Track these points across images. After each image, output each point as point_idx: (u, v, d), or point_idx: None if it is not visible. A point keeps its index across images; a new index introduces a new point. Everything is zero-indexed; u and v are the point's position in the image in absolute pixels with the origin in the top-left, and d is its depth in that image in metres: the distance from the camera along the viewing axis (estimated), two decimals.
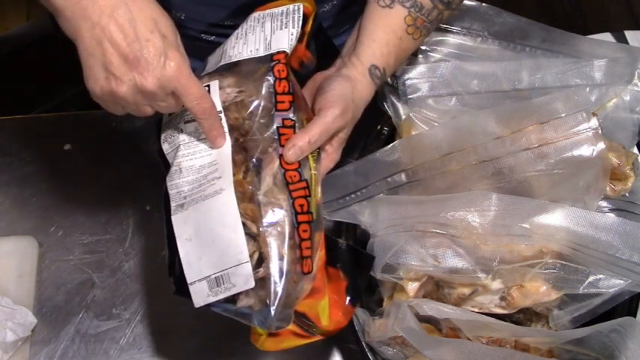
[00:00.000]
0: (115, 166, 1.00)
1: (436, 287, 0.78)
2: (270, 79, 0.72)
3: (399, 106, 0.90)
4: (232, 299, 0.68)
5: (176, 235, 0.69)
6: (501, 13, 0.94)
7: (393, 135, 0.90)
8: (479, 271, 0.73)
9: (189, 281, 0.68)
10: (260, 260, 0.67)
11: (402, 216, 0.75)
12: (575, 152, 0.76)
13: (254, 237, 0.68)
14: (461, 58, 0.94)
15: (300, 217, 0.69)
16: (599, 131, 0.77)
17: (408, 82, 0.89)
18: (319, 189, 0.73)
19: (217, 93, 0.72)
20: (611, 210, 0.83)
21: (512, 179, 0.77)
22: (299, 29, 0.76)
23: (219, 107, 0.71)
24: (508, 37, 0.94)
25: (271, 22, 0.77)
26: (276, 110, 0.72)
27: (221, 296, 0.67)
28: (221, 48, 0.79)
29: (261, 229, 0.68)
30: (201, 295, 0.68)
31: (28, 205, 0.98)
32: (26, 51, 0.85)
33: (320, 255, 0.72)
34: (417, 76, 0.90)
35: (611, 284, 0.71)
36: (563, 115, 0.77)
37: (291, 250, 0.68)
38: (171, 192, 0.71)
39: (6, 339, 0.83)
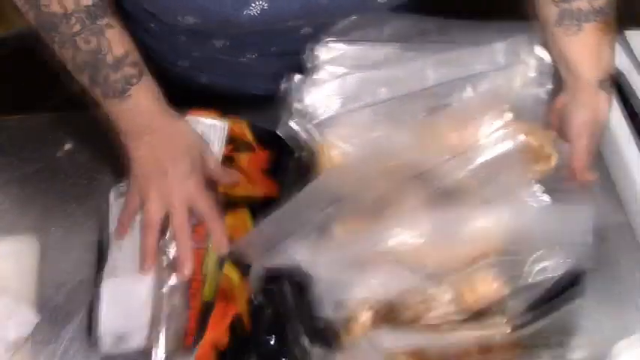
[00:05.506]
0: (115, 166, 1.00)
1: (391, 310, 0.78)
2: None
3: (312, 131, 0.89)
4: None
5: (102, 296, 0.85)
6: (391, 15, 0.94)
7: (311, 163, 0.88)
8: (428, 286, 0.75)
9: (101, 333, 0.83)
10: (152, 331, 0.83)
11: (342, 252, 0.75)
12: (498, 150, 0.78)
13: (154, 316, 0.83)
14: (363, 68, 0.93)
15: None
16: (516, 124, 0.80)
17: (317, 104, 0.89)
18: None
19: None
20: (543, 193, 0.84)
21: (442, 188, 0.78)
22: (222, 147, 0.94)
23: None
24: (404, 37, 0.94)
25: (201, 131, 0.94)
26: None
27: (119, 350, 0.82)
28: None
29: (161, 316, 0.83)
30: (105, 345, 0.83)
31: (29, 204, 0.99)
32: (26, 51, 0.85)
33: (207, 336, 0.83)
34: (323, 97, 0.89)
35: (557, 266, 0.74)
36: (478, 117, 0.79)
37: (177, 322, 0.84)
38: (110, 263, 0.87)
39: (7, 338, 0.84)
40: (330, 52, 0.93)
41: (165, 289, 0.84)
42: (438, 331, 0.76)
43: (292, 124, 0.89)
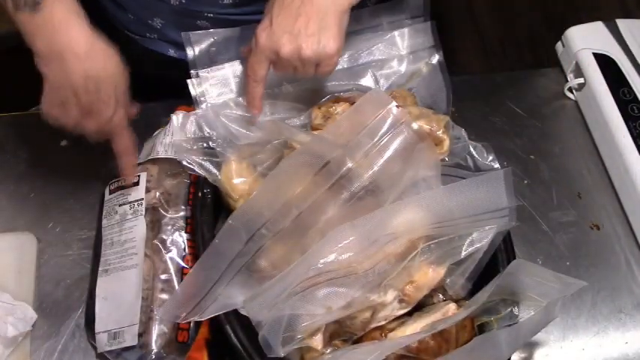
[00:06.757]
0: (111, 161, 1.00)
1: (339, 326, 0.78)
2: (187, 180, 0.92)
3: (207, 166, 0.89)
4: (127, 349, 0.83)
5: (97, 293, 0.86)
6: (250, 28, 0.93)
7: (217, 196, 0.89)
8: (369, 294, 0.75)
9: (96, 331, 0.84)
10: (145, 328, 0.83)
11: (276, 287, 0.74)
12: (397, 147, 0.80)
13: (145, 311, 0.83)
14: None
15: None
16: (408, 110, 0.84)
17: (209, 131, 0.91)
18: None
19: (144, 184, 0.90)
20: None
21: (358, 193, 0.78)
22: None
23: (142, 195, 0.89)
24: None
25: None
26: (187, 205, 0.90)
27: (115, 347, 0.82)
28: (153, 139, 0.95)
29: (153, 310, 0.83)
30: (101, 344, 0.83)
31: (26, 201, 0.99)
32: (21, 50, 0.85)
33: (201, 330, 0.82)
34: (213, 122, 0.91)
35: (483, 236, 0.76)
36: (370, 121, 0.80)
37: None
38: (102, 259, 0.88)
39: (7, 334, 0.84)
40: (206, 78, 0.95)
41: (156, 285, 0.85)
42: (390, 331, 0.78)
43: (184, 162, 0.89)
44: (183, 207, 0.90)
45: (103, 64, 0.79)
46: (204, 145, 0.90)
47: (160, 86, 0.93)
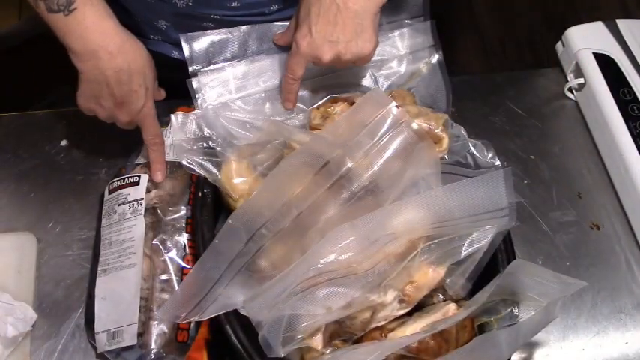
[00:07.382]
0: (111, 161, 1.01)
1: (339, 325, 0.78)
2: (187, 181, 0.92)
3: (207, 166, 0.89)
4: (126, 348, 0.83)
5: (96, 293, 0.86)
6: (250, 29, 0.97)
7: (217, 196, 0.89)
8: (369, 294, 0.75)
9: (96, 331, 0.84)
10: (144, 328, 0.83)
11: (276, 287, 0.74)
12: (397, 147, 0.80)
13: (144, 311, 0.84)
14: (246, 85, 0.96)
15: None
16: (406, 108, 0.83)
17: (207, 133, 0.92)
18: None
19: (145, 184, 0.90)
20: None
21: (358, 193, 0.79)
22: None
23: (142, 195, 0.89)
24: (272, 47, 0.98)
25: None
26: (187, 205, 0.91)
27: (114, 347, 0.82)
28: None
29: (153, 309, 0.84)
30: (101, 344, 0.84)
31: (26, 201, 0.99)
32: (20, 50, 0.85)
33: (201, 330, 0.82)
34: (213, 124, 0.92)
35: (483, 236, 0.77)
36: (370, 121, 0.80)
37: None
38: (101, 259, 0.88)
39: (7, 334, 0.84)
40: (206, 79, 0.95)
41: (156, 285, 0.85)
42: (390, 331, 0.78)
43: (184, 162, 0.89)
44: (183, 207, 0.90)
45: (133, 58, 0.84)
46: (204, 145, 0.90)
47: (162, 88, 0.94)
